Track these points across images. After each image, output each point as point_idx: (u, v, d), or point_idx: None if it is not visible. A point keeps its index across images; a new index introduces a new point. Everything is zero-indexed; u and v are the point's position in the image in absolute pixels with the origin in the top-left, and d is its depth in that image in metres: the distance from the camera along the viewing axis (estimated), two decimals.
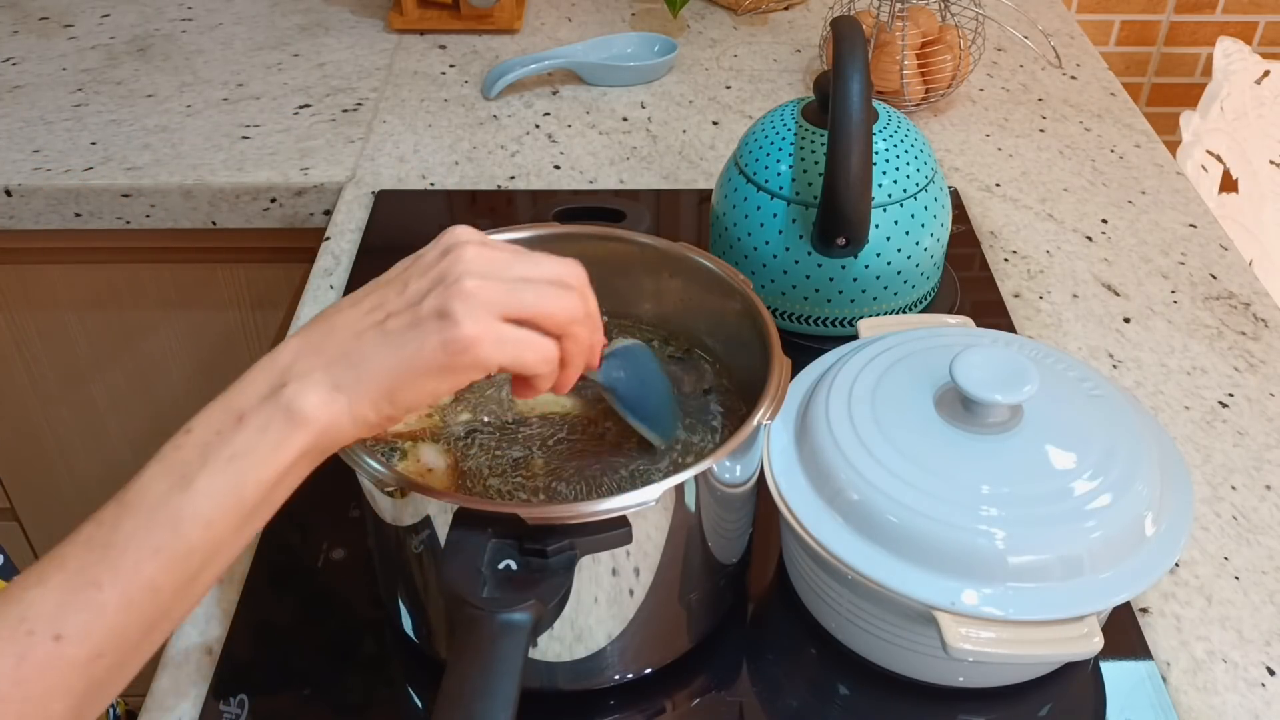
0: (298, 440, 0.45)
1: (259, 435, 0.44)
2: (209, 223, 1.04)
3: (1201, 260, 0.95)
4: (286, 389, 0.45)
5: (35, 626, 0.40)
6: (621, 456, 0.62)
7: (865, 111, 0.73)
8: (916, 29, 1.09)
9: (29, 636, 0.40)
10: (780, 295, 0.82)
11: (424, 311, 0.46)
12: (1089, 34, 1.47)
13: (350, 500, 0.70)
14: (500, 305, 0.47)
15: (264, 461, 0.44)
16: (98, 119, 1.11)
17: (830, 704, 0.62)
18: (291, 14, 1.32)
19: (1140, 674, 0.63)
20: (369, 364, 0.46)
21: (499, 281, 0.47)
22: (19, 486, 1.28)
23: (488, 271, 0.47)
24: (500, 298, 0.47)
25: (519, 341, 0.47)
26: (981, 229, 0.98)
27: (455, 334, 0.45)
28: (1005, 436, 0.59)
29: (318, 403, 0.45)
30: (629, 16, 1.33)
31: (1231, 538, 0.71)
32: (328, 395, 0.45)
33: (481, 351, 0.46)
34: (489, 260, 0.48)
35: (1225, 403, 0.81)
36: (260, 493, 0.44)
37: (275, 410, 0.45)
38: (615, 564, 0.55)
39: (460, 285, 0.46)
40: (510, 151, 1.08)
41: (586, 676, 0.60)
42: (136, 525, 0.43)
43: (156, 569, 0.42)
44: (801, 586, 0.65)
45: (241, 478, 0.44)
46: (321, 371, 0.46)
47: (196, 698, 0.62)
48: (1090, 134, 1.12)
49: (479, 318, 0.46)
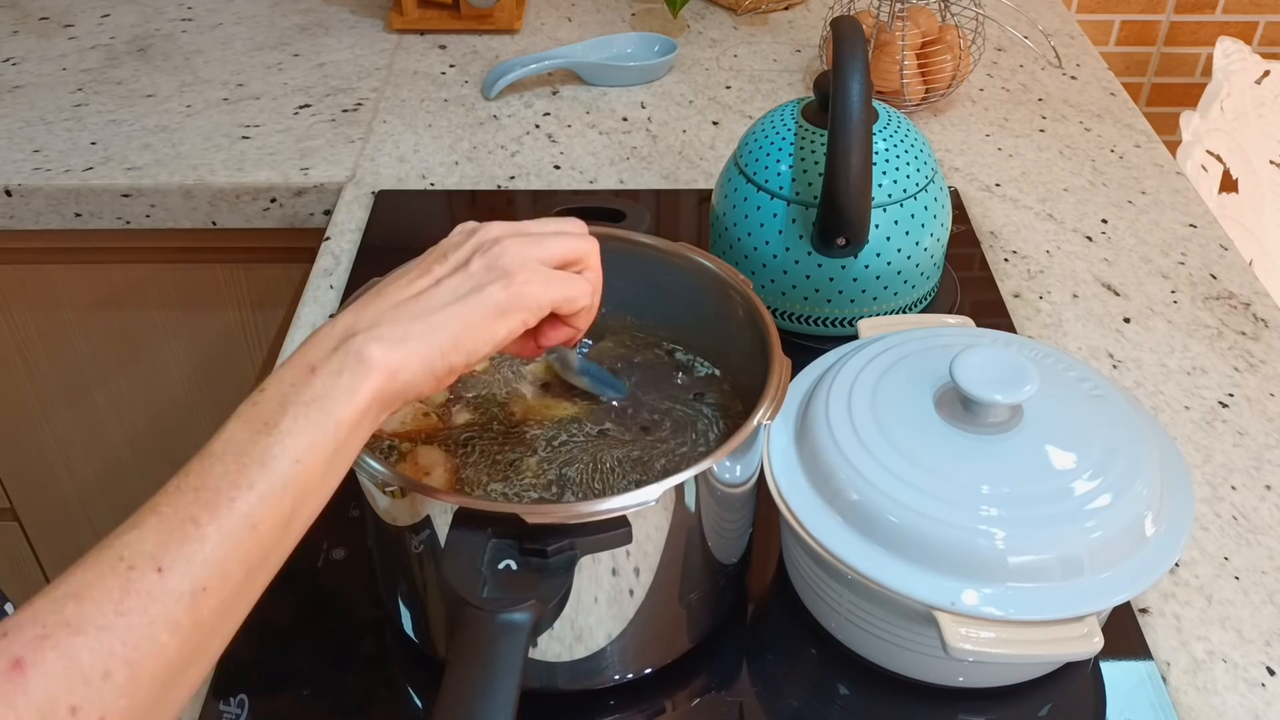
0: (372, 383, 0.46)
1: (334, 379, 0.46)
2: (209, 223, 1.04)
3: (1201, 260, 0.95)
4: (355, 339, 0.47)
5: (136, 562, 0.40)
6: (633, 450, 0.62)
7: (865, 111, 0.73)
8: (916, 29, 1.09)
9: (130, 570, 0.40)
10: (780, 295, 0.82)
11: (474, 269, 0.51)
12: (1089, 34, 1.47)
13: (350, 500, 0.70)
14: (538, 256, 0.52)
15: (342, 402, 0.46)
16: (98, 119, 1.11)
17: (830, 704, 0.62)
18: (291, 14, 1.32)
19: (1140, 674, 0.63)
20: (435, 315, 0.49)
21: (528, 237, 0.53)
22: (19, 486, 1.28)
23: (517, 232, 0.53)
24: (536, 250, 0.52)
25: (565, 279, 0.53)
26: (981, 229, 0.98)
27: (511, 279, 0.50)
28: (1005, 436, 0.59)
29: (385, 350, 0.47)
30: (629, 16, 1.33)
31: (1231, 538, 0.71)
32: (394, 344, 0.47)
33: (537, 290, 0.51)
34: (512, 227, 0.54)
35: (1225, 403, 0.81)
36: (341, 432, 0.46)
37: (346, 357, 0.47)
38: (615, 564, 0.55)
39: (501, 245, 0.52)
40: (510, 151, 1.08)
41: (586, 676, 0.60)
42: (227, 467, 0.43)
43: (251, 505, 0.43)
44: (801, 586, 0.65)
45: (324, 418, 0.45)
46: (387, 325, 0.48)
47: (196, 698, 0.61)
48: (1090, 134, 1.12)
49: (527, 264, 0.51)
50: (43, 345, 1.15)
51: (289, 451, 0.44)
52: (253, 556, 0.43)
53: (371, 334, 0.48)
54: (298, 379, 0.46)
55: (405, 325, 0.48)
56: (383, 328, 0.48)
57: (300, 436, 0.45)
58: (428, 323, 0.49)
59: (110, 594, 0.39)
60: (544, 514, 0.50)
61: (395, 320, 0.49)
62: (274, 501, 0.44)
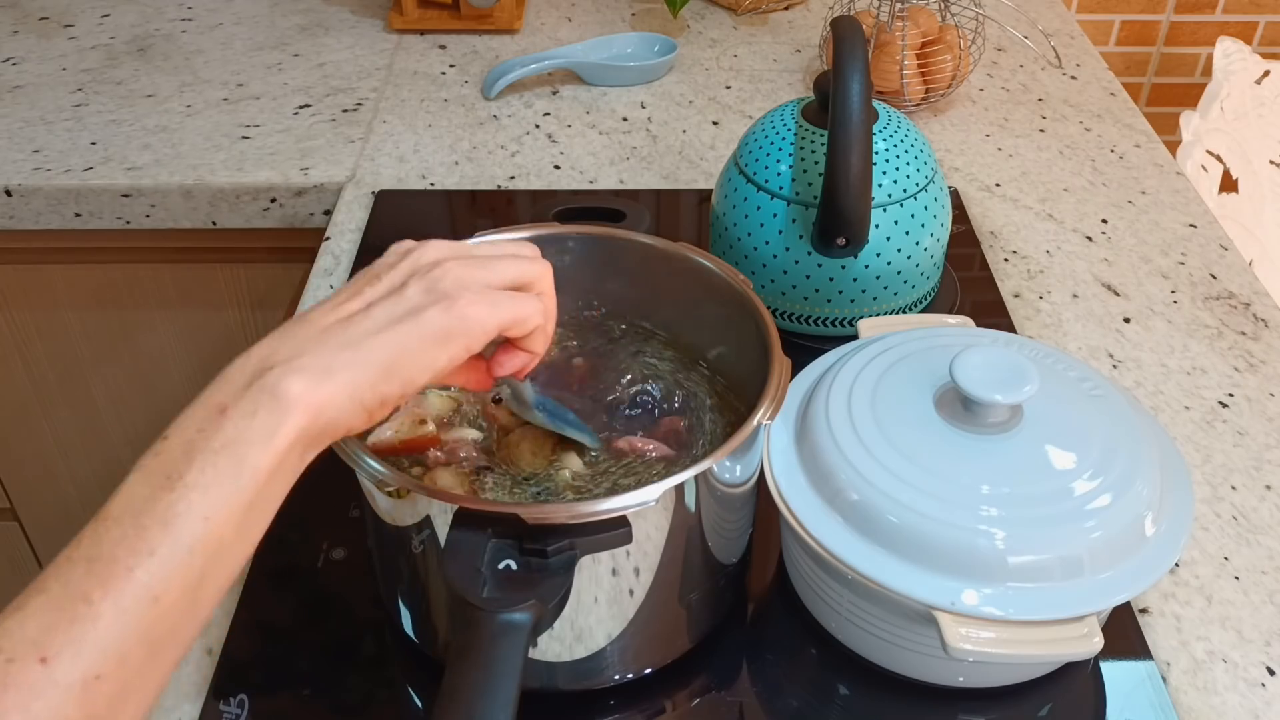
0: (292, 423, 0.42)
1: (248, 421, 0.41)
2: (209, 223, 1.04)
3: (1201, 260, 0.95)
4: (270, 374, 0.42)
5: (16, 653, 0.35)
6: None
7: (865, 111, 0.73)
8: (916, 29, 1.09)
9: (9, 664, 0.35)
10: (780, 295, 0.82)
11: (411, 292, 0.46)
12: (1089, 34, 1.47)
13: (350, 500, 0.70)
14: (483, 279, 0.48)
15: (257, 447, 0.41)
16: (98, 119, 1.11)
17: (830, 704, 0.62)
18: (291, 14, 1.32)
19: (1140, 674, 0.63)
20: (365, 342, 0.44)
21: (472, 260, 0.49)
22: (19, 486, 1.28)
23: (460, 254, 0.49)
24: (481, 273, 0.48)
25: (513, 299, 0.49)
26: (981, 229, 0.98)
27: (453, 302, 0.46)
28: (1005, 436, 0.59)
29: (307, 384, 0.42)
30: (629, 16, 1.33)
31: (1231, 538, 0.71)
32: (318, 377, 0.43)
33: (480, 312, 0.47)
34: (455, 248, 0.49)
35: (1225, 403, 0.81)
36: (257, 482, 0.41)
37: (261, 394, 0.42)
38: (615, 564, 0.55)
39: (443, 267, 0.47)
40: (510, 151, 1.08)
41: (586, 676, 0.60)
42: (124, 532, 0.38)
43: (152, 574, 0.38)
44: (801, 586, 0.65)
45: (237, 466, 0.40)
46: (309, 356, 0.43)
47: (196, 698, 0.61)
48: (1090, 134, 1.12)
49: (470, 286, 0.47)
50: (42, 345, 1.15)
51: (196, 509, 0.39)
52: (156, 632, 0.38)
53: (290, 366, 0.43)
54: (206, 423, 0.41)
55: (330, 355, 0.43)
56: (304, 358, 0.43)
57: (209, 491, 0.40)
58: (356, 351, 0.44)
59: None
60: (544, 514, 0.50)
61: (319, 349, 0.44)
62: (179, 567, 0.38)
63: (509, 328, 0.49)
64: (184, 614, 0.39)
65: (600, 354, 0.70)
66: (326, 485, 0.70)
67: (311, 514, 0.71)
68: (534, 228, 0.69)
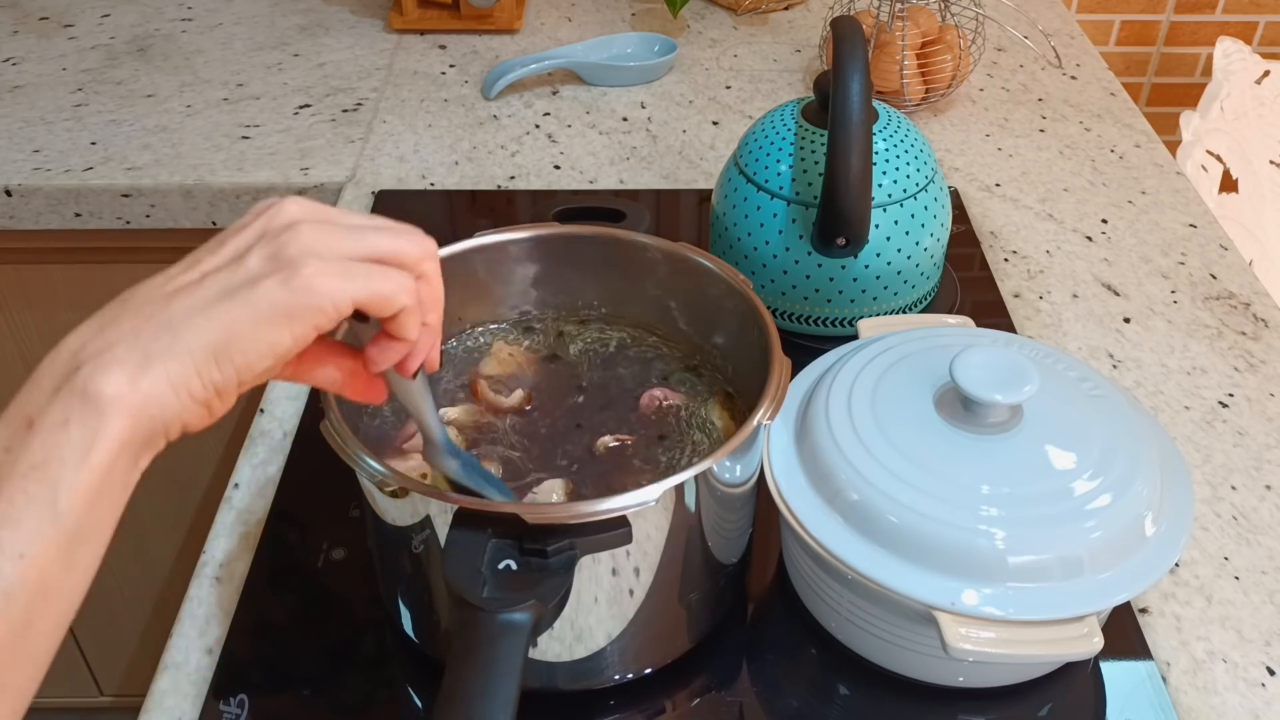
0: (112, 430, 0.36)
1: (59, 435, 0.35)
2: (209, 223, 1.04)
3: (1201, 260, 0.95)
4: (80, 373, 0.36)
5: None
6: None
7: (865, 111, 0.73)
8: (916, 29, 1.09)
9: None
10: (780, 295, 0.82)
11: (250, 262, 0.39)
12: (1089, 34, 1.47)
13: (350, 500, 0.70)
14: (339, 246, 0.40)
15: (72, 467, 0.35)
16: (98, 119, 1.11)
17: (830, 704, 0.62)
18: (291, 14, 1.32)
19: (1140, 674, 0.63)
20: (188, 323, 0.38)
21: (330, 224, 0.41)
22: None
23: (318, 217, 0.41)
24: (337, 239, 0.40)
25: (370, 271, 0.40)
26: (981, 229, 0.98)
27: (295, 271, 0.39)
28: (1005, 436, 0.59)
29: (123, 380, 0.36)
30: (629, 16, 1.33)
31: (1231, 538, 0.71)
32: (135, 370, 0.37)
33: (327, 283, 0.39)
34: (315, 209, 0.41)
35: (1225, 403, 0.81)
36: (79, 504, 0.35)
37: (72, 399, 0.36)
38: (615, 564, 0.55)
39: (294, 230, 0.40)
40: (510, 151, 1.08)
41: (586, 676, 0.60)
42: None
43: None
44: (801, 586, 0.65)
45: (50, 492, 0.35)
46: (124, 346, 0.37)
47: (196, 698, 0.61)
48: (1090, 134, 1.12)
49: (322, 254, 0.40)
50: (43, 345, 1.15)
51: (7, 547, 0.34)
52: None
53: (102, 360, 0.36)
54: (13, 440, 0.35)
55: (148, 341, 0.37)
56: (119, 348, 0.37)
57: (20, 525, 0.34)
58: (176, 335, 0.37)
59: None
60: (544, 514, 0.50)
61: (136, 335, 0.37)
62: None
63: (366, 304, 0.41)
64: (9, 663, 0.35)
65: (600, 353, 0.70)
66: (326, 485, 0.70)
67: (311, 514, 0.72)
68: (534, 228, 0.69)
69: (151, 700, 0.62)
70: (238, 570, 0.68)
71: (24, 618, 0.34)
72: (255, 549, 0.69)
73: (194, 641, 0.65)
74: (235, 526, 0.71)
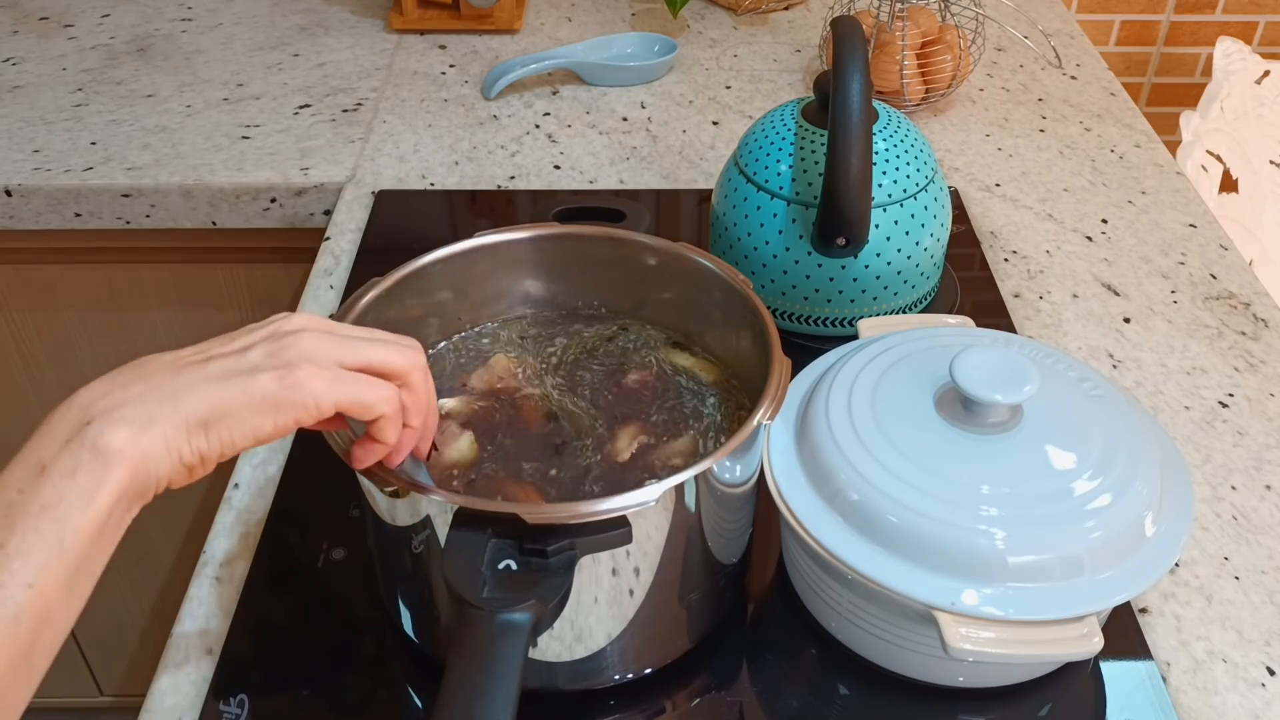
0: (115, 479, 0.41)
1: (68, 481, 0.40)
2: (209, 223, 1.04)
3: (1201, 260, 0.95)
4: (91, 427, 0.41)
5: None
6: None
7: (865, 111, 0.73)
8: (916, 29, 1.09)
9: None
10: (780, 295, 0.82)
11: (254, 355, 0.45)
12: (1089, 34, 1.47)
13: (350, 500, 0.70)
14: (334, 354, 0.46)
15: (78, 509, 0.40)
16: (98, 119, 1.11)
17: (830, 704, 0.62)
18: (291, 14, 1.32)
19: (1140, 674, 0.63)
20: (189, 395, 0.43)
21: (330, 335, 0.47)
22: None
23: (321, 328, 0.47)
24: (333, 348, 0.47)
25: (357, 380, 0.47)
26: (981, 229, 0.98)
27: (290, 371, 0.45)
28: (1005, 436, 0.59)
29: (128, 437, 0.41)
30: (629, 16, 1.33)
31: (1231, 538, 0.71)
32: (139, 429, 0.42)
33: (316, 386, 0.45)
34: (322, 322, 0.48)
35: (1225, 403, 0.81)
36: (82, 543, 0.40)
37: (81, 451, 0.41)
38: (615, 564, 0.55)
39: (296, 336, 0.46)
40: (510, 151, 1.08)
41: (586, 676, 0.60)
42: None
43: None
44: (801, 586, 0.65)
45: (58, 531, 0.40)
46: (132, 406, 0.42)
47: (196, 698, 0.62)
48: (1090, 134, 1.12)
49: (314, 358, 0.45)
50: (43, 345, 1.15)
51: (18, 577, 0.38)
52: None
53: (111, 417, 0.41)
54: (26, 483, 0.40)
55: (153, 405, 0.42)
56: (126, 408, 0.42)
57: (31, 558, 0.39)
58: (176, 402, 0.43)
59: None
60: (544, 514, 0.50)
61: (143, 398, 0.42)
62: (6, 637, 0.38)
63: (349, 409, 0.47)
64: (15, 680, 0.39)
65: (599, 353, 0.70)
66: (326, 485, 0.70)
67: (311, 514, 0.72)
68: (534, 228, 0.69)
69: (151, 700, 0.62)
70: (238, 570, 0.68)
71: (30, 639, 0.39)
72: (255, 549, 0.69)
73: (194, 642, 0.65)
74: (235, 526, 0.71)
